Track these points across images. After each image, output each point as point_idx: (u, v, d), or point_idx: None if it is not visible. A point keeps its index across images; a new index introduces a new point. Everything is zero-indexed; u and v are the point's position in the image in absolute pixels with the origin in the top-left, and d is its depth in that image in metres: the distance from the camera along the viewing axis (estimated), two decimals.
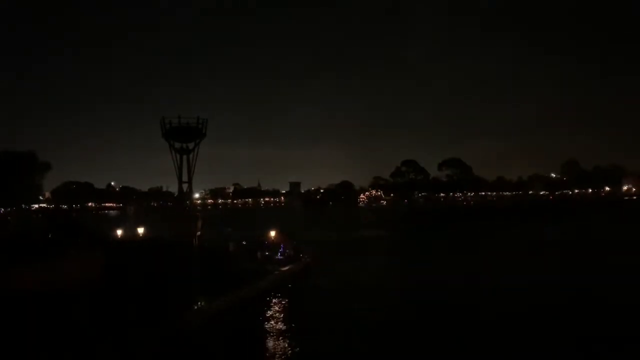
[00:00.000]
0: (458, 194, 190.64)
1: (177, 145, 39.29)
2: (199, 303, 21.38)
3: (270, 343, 18.80)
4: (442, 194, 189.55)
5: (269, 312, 23.44)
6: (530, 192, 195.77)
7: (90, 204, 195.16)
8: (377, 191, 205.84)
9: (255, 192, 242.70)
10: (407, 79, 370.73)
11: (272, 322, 21.64)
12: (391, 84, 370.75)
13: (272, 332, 20.08)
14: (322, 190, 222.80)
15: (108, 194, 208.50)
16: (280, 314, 23.27)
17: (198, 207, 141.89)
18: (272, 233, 38.18)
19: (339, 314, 22.94)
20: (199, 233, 32.79)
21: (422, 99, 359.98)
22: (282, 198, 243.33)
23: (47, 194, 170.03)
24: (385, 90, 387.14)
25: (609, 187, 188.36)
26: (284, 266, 32.27)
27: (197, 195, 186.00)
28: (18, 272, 20.42)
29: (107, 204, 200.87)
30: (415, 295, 27.30)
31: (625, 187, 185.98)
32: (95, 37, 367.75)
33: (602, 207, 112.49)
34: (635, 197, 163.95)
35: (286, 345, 18.28)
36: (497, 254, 42.86)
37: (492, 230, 69.05)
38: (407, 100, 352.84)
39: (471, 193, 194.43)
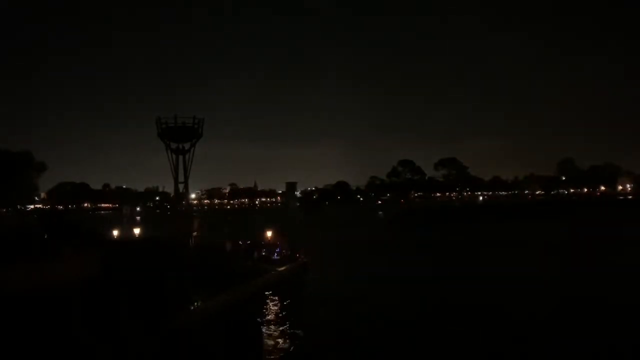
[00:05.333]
0: (454, 194, 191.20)
1: (173, 145, 39.23)
2: (196, 303, 21.41)
3: (265, 341, 18.86)
4: (438, 194, 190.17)
5: (264, 311, 23.53)
6: (526, 191, 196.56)
7: (86, 204, 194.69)
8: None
9: (252, 192, 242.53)
10: (403, 78, 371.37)
11: (267, 321, 21.73)
12: (389, 84, 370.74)
13: (267, 331, 20.20)
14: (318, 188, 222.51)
15: (104, 194, 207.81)
16: (276, 313, 23.33)
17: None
18: (269, 233, 38.19)
19: (336, 313, 23.04)
20: (195, 233, 32.86)
21: (419, 98, 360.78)
22: (279, 198, 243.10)
23: (43, 195, 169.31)
24: (382, 89, 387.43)
25: (604, 186, 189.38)
26: (281, 266, 32.28)
27: (193, 196, 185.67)
28: (13, 273, 20.38)
29: (102, 205, 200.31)
30: (408, 292, 27.44)
31: (620, 187, 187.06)
32: (93, 36, 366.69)
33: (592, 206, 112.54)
34: (630, 197, 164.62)
35: (281, 343, 18.39)
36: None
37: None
38: (404, 100, 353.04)
39: (467, 192, 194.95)
